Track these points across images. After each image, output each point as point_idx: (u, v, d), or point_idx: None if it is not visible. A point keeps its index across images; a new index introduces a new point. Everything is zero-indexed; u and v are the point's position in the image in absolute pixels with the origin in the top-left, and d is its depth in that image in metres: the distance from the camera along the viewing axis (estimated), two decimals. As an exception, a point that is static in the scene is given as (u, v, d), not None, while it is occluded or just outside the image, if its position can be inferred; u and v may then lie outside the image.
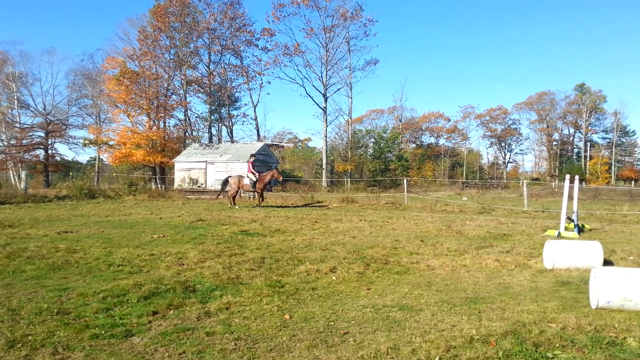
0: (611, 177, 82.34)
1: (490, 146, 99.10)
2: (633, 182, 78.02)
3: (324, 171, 47.01)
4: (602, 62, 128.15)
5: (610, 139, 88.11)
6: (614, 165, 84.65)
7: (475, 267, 8.41)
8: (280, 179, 22.05)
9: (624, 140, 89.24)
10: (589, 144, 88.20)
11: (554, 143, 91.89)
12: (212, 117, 52.03)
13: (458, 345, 4.53)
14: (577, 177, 15.30)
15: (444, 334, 4.85)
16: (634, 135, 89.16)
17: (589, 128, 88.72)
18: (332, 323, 5.24)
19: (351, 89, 51.15)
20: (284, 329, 5.05)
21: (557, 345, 4.56)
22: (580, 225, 14.52)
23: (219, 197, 24.61)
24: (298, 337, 4.81)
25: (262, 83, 51.04)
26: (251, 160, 22.27)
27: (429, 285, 7.06)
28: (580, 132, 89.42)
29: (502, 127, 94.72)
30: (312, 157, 62.55)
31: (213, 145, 43.36)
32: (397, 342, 4.63)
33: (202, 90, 47.99)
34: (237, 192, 22.25)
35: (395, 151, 54.50)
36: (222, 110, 52.45)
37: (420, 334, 4.86)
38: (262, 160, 40.66)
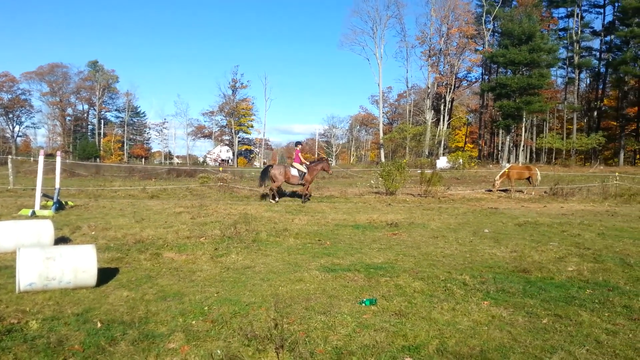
0: (124, 154, 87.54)
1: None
2: (144, 159, 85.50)
3: None
4: (116, 44, 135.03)
5: (123, 118, 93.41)
6: (127, 144, 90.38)
7: None
8: (330, 172, 20.22)
9: (135, 120, 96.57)
10: (102, 121, 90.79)
11: (68, 118, 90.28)
12: None
13: None
14: (59, 152, 15.05)
15: None
16: (145, 116, 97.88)
17: (103, 106, 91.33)
18: None
19: None
20: None
21: None
22: (64, 202, 14.30)
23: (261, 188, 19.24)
24: None
25: None
26: (298, 148, 19.46)
27: None
28: (95, 109, 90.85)
29: (10, 96, 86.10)
30: None
31: None
32: None
33: None
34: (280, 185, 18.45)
35: None
36: None
37: None
38: None
